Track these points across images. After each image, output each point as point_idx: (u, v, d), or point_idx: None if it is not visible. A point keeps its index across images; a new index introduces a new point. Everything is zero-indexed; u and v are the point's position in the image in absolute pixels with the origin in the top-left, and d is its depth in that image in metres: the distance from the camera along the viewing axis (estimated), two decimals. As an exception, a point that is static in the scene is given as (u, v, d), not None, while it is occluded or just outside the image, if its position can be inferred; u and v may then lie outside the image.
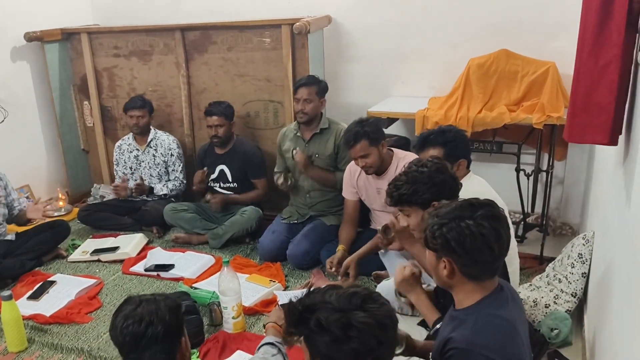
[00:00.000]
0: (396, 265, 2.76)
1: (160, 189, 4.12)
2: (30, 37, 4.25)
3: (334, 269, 3.14)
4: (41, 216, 3.62)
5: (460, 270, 1.58)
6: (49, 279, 3.38)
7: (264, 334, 2.08)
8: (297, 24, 3.61)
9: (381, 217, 3.26)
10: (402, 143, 3.76)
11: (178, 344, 1.72)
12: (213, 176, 3.93)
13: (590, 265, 2.74)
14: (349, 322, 1.29)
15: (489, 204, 1.62)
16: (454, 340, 1.55)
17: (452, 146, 2.52)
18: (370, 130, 3.03)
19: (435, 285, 2.41)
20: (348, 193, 3.38)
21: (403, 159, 3.11)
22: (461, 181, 2.33)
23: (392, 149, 3.23)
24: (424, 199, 2.15)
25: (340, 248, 3.25)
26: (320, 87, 3.49)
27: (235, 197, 3.90)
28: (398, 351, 1.94)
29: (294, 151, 3.50)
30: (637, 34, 1.90)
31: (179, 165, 4.18)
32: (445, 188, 2.12)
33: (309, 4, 4.00)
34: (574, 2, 2.68)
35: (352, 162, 3.30)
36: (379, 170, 3.14)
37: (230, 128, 3.86)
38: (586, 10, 2.00)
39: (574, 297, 2.73)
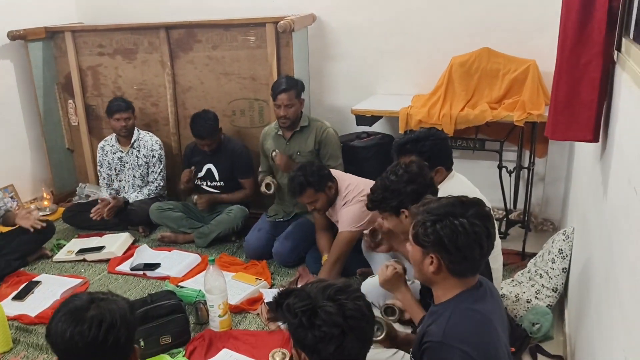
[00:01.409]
0: (380, 263, 2.80)
1: (135, 197, 4.10)
2: (13, 36, 4.23)
3: None
4: (30, 225, 3.52)
5: (447, 267, 1.60)
6: (34, 279, 3.37)
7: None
8: (282, 22, 3.63)
9: None
10: (386, 141, 3.79)
11: (132, 350, 1.49)
12: (200, 174, 3.93)
13: (570, 260, 2.79)
14: (314, 311, 1.37)
15: (478, 203, 1.65)
16: (429, 334, 1.58)
17: (427, 156, 2.48)
18: (313, 180, 3.08)
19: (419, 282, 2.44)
20: None
21: (345, 189, 3.15)
22: (443, 182, 2.37)
23: (335, 177, 3.21)
24: (392, 206, 2.19)
25: (325, 258, 3.22)
26: (298, 89, 3.51)
27: (222, 197, 3.91)
28: (379, 337, 1.98)
29: (274, 153, 3.51)
30: (616, 32, 1.94)
31: (159, 168, 4.14)
32: (415, 196, 2.09)
33: (293, 3, 4.02)
34: (554, 0, 2.73)
35: None
36: (329, 205, 3.20)
37: (220, 137, 3.87)
38: (566, 9, 2.04)
39: (555, 292, 2.78)
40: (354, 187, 3.14)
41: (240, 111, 4.09)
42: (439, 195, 2.13)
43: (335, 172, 3.23)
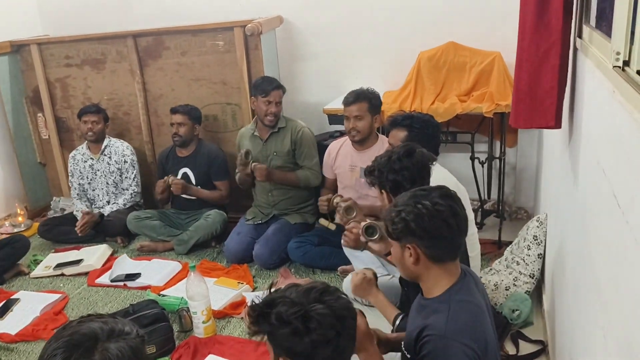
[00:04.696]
0: (361, 260, 2.82)
1: (110, 208, 4.06)
2: (-23, 52, 4.17)
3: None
4: None
5: (425, 254, 1.62)
6: (11, 297, 3.32)
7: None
8: (249, 25, 3.64)
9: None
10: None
11: None
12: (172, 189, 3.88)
13: (545, 246, 2.84)
14: (308, 315, 1.33)
15: (441, 187, 1.69)
16: (430, 328, 1.57)
17: (416, 133, 2.58)
18: (373, 97, 3.16)
19: (399, 276, 2.46)
20: (327, 172, 3.51)
21: (386, 144, 3.15)
22: None
23: (378, 134, 3.34)
24: (374, 183, 2.22)
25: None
26: (284, 90, 3.56)
27: (198, 190, 3.86)
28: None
29: (252, 165, 3.48)
30: (573, 20, 1.99)
31: (132, 173, 4.11)
32: (393, 186, 2.14)
33: (259, 5, 4.03)
34: (515, -7, 2.81)
35: (332, 143, 3.45)
36: (362, 141, 3.22)
37: (193, 130, 3.85)
38: (525, -1, 2.09)
39: (532, 278, 2.83)
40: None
41: (213, 116, 4.08)
42: None
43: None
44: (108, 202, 4.13)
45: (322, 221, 2.89)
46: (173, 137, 3.84)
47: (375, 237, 2.27)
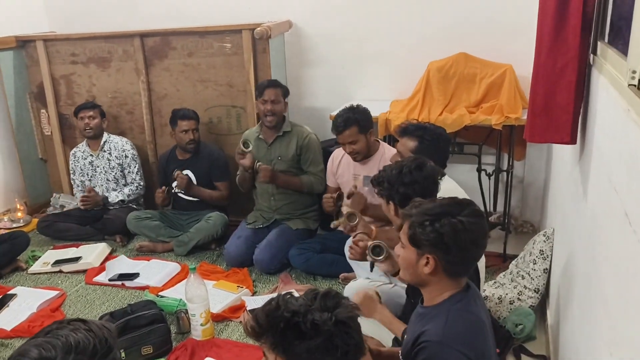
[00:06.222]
0: (364, 268, 2.80)
1: (115, 196, 4.04)
2: (-18, 45, 4.15)
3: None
4: None
5: (444, 268, 1.59)
6: (8, 292, 3.30)
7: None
8: (258, 29, 3.62)
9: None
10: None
11: None
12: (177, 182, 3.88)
13: (551, 261, 2.82)
14: (337, 320, 1.28)
15: (471, 202, 1.66)
16: (427, 334, 1.56)
17: (426, 145, 2.57)
18: (360, 118, 3.10)
19: (401, 285, 2.44)
20: (329, 179, 3.48)
21: (387, 151, 3.18)
22: None
23: (379, 140, 3.33)
24: (382, 194, 2.22)
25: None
26: (284, 89, 3.53)
27: (201, 190, 3.84)
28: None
29: (257, 165, 3.47)
30: (591, 37, 1.98)
31: (135, 167, 4.11)
32: (404, 198, 2.12)
33: (269, 9, 4.01)
34: (529, 5, 2.79)
35: (335, 151, 3.42)
36: (364, 158, 3.21)
37: (198, 139, 3.86)
38: (542, 14, 2.08)
39: (537, 292, 2.80)
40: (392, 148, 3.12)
41: (218, 118, 4.06)
42: None
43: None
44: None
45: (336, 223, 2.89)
46: (188, 144, 3.79)
47: (382, 257, 2.26)
